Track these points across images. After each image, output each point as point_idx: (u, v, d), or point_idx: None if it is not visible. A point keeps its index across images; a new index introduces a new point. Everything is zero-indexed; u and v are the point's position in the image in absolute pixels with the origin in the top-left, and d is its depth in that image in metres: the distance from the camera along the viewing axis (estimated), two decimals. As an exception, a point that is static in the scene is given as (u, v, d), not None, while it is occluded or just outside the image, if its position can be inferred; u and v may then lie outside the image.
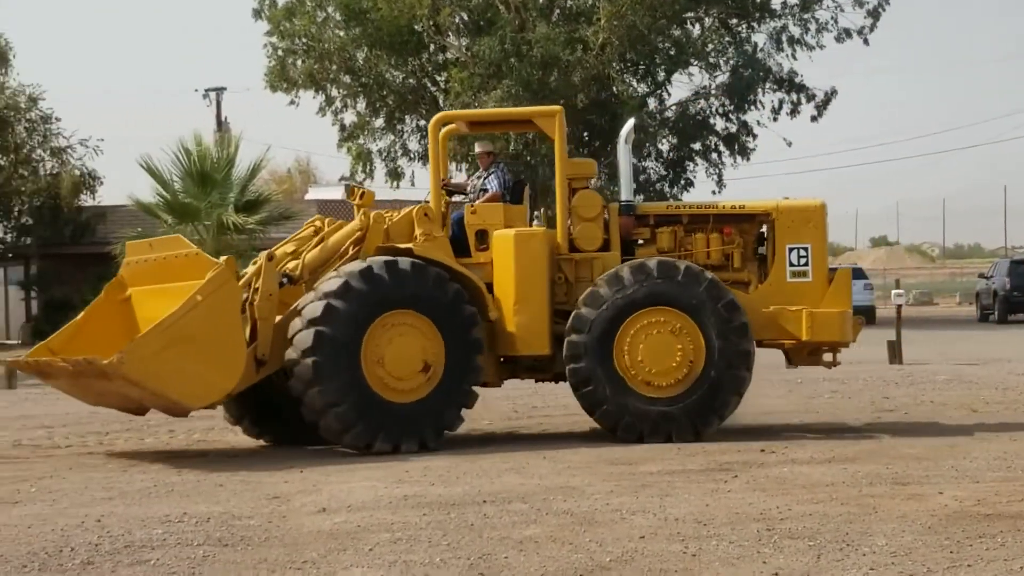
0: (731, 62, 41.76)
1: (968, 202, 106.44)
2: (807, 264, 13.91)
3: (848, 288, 14.01)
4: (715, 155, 43.03)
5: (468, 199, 14.45)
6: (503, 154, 36.69)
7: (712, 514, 8.96)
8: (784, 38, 42.04)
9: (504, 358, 13.71)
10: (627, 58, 39.92)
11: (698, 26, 41.86)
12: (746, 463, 11.33)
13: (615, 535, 8.37)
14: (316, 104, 41.90)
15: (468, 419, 14.33)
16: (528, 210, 14.47)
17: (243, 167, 29.45)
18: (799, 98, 42.37)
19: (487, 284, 13.44)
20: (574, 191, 13.92)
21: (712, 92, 42.28)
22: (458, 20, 40.62)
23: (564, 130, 13.92)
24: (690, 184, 42.98)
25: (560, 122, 13.87)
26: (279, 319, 12.92)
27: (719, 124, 42.82)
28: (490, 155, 14.69)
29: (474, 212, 13.78)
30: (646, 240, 14.13)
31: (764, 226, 14.24)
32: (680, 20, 40.45)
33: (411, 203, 14.75)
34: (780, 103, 42.38)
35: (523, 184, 14.82)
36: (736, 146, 42.90)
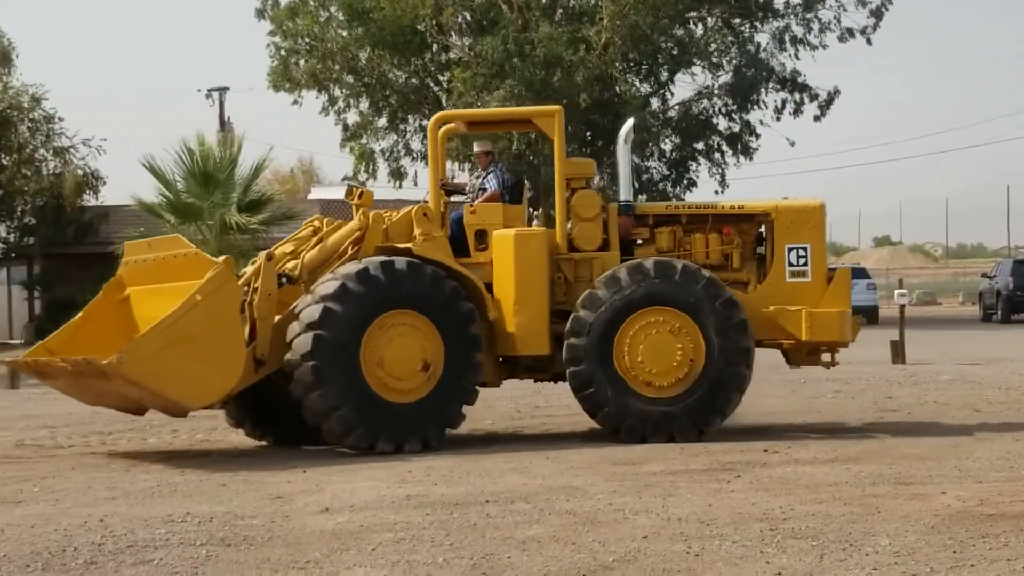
0: (734, 62, 41.77)
1: (971, 202, 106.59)
2: (806, 264, 13.91)
3: (847, 288, 14.01)
4: (718, 155, 43.05)
5: (467, 199, 14.44)
6: (506, 154, 36.74)
7: (715, 514, 8.96)
8: (787, 38, 42.07)
9: (503, 358, 13.70)
10: (630, 58, 39.92)
11: (701, 26, 41.88)
12: (749, 463, 11.33)
13: (618, 535, 8.36)
14: (319, 104, 41.97)
15: (471, 419, 14.33)
16: (526, 210, 14.47)
17: (246, 167, 29.47)
18: (802, 98, 42.38)
19: (486, 284, 13.45)
20: (573, 191, 13.92)
21: (715, 92, 42.30)
22: (461, 20, 40.61)
23: (563, 130, 13.92)
24: (693, 184, 43.01)
25: (559, 122, 13.87)
26: (278, 319, 12.91)
27: (722, 124, 42.87)
28: (488, 155, 14.69)
29: (473, 212, 13.77)
30: (645, 240, 14.13)
31: (763, 226, 14.24)
32: (683, 20, 40.46)
33: (411, 203, 14.72)
34: (783, 103, 42.40)
35: (522, 184, 14.83)
36: (739, 146, 42.91)
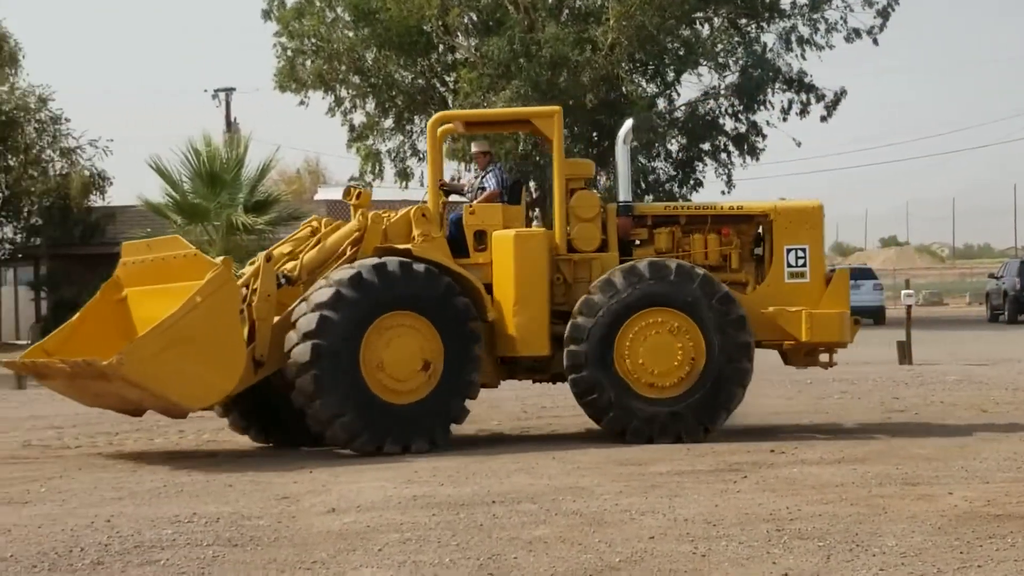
0: (740, 62, 41.76)
1: (978, 202, 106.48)
2: (805, 265, 13.91)
3: (846, 289, 14.04)
4: (724, 155, 43.05)
5: (466, 199, 14.43)
6: (512, 154, 36.77)
7: (722, 514, 8.95)
8: (793, 38, 42.07)
9: (502, 359, 13.69)
10: (636, 58, 39.92)
11: (707, 26, 41.89)
12: (756, 463, 11.32)
13: (624, 535, 8.36)
14: (325, 104, 42.03)
15: (477, 420, 14.35)
16: (525, 210, 14.46)
17: (252, 167, 29.47)
18: (808, 98, 42.38)
19: (486, 285, 13.44)
20: (572, 191, 13.92)
21: (721, 92, 42.30)
22: (467, 20, 40.64)
23: (562, 131, 13.92)
24: (699, 184, 43.02)
25: (558, 123, 13.87)
26: (277, 319, 12.90)
27: (728, 124, 42.87)
28: (486, 155, 14.68)
29: (472, 212, 13.76)
30: (644, 241, 14.13)
31: (761, 227, 14.24)
32: (689, 20, 40.46)
33: (411, 203, 14.70)
34: (789, 103, 42.41)
35: (520, 184, 14.83)
36: (745, 146, 42.91)
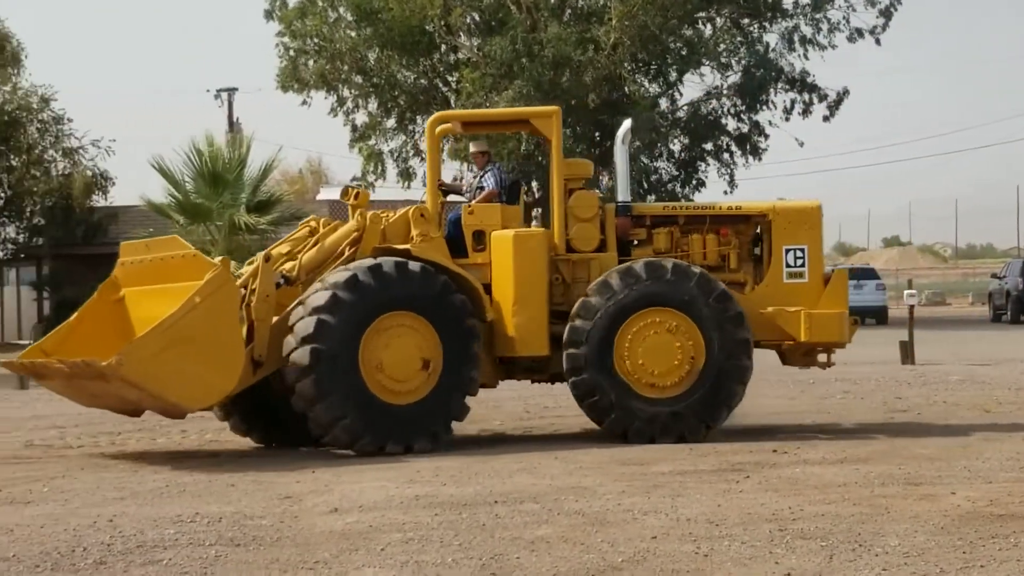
0: (743, 62, 41.77)
1: (980, 202, 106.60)
2: (803, 265, 13.91)
3: (845, 289, 14.05)
4: (727, 155, 43.06)
5: (465, 198, 14.42)
6: (515, 154, 36.77)
7: (724, 514, 8.95)
8: (796, 38, 42.08)
9: (501, 359, 13.68)
10: (639, 58, 39.94)
11: (710, 26, 41.89)
12: (758, 463, 11.32)
13: (627, 535, 8.36)
14: (328, 104, 42.06)
15: (479, 420, 14.34)
16: (522, 211, 14.45)
17: (255, 167, 29.47)
18: (811, 98, 42.39)
19: (485, 285, 13.43)
20: (571, 191, 13.91)
21: (724, 92, 42.31)
22: (469, 20, 40.67)
23: (560, 131, 13.92)
24: (702, 184, 43.03)
25: (556, 123, 13.86)
26: (276, 320, 12.89)
27: (731, 124, 42.89)
28: (484, 154, 14.66)
29: (471, 212, 13.76)
30: (642, 241, 14.13)
31: (759, 227, 14.23)
32: (692, 20, 40.47)
33: (414, 204, 14.69)
34: (792, 103, 42.42)
35: (519, 184, 14.83)
36: (748, 146, 42.92)
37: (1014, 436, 12.98)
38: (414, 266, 12.93)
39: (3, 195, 42.57)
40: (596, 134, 39.36)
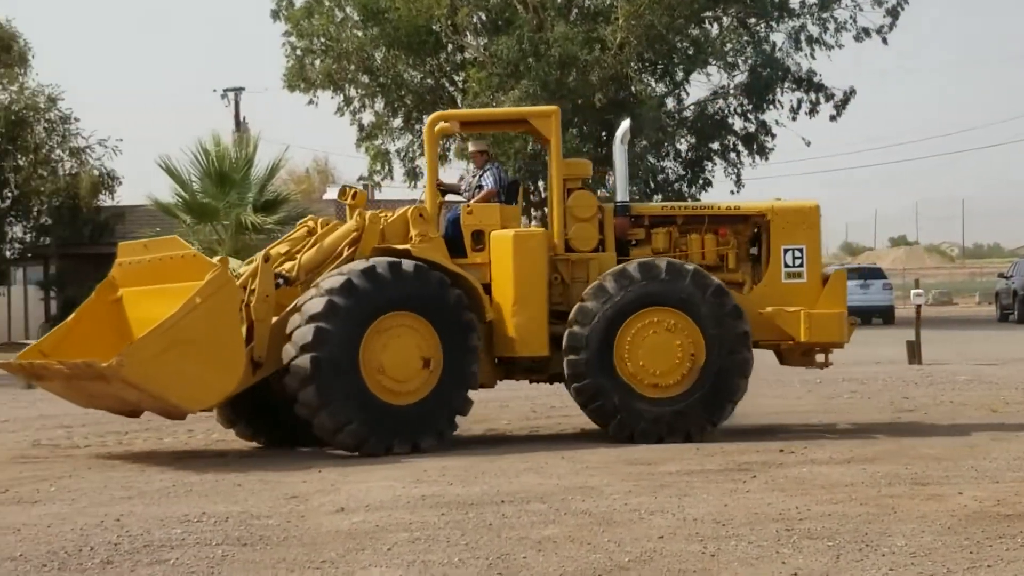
0: (749, 61, 41.78)
1: (987, 202, 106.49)
2: (802, 265, 13.91)
3: (843, 289, 14.06)
4: (733, 155, 43.06)
5: (463, 198, 14.40)
6: (521, 153, 36.77)
7: (731, 514, 8.94)
8: (803, 37, 42.08)
9: (500, 359, 13.67)
10: (645, 57, 39.94)
11: (716, 25, 41.89)
12: (765, 463, 11.31)
13: (634, 535, 8.36)
14: (334, 104, 42.09)
15: (486, 419, 14.34)
16: (520, 211, 14.45)
17: (261, 167, 29.49)
18: (818, 98, 42.39)
19: (484, 285, 13.42)
20: (570, 191, 13.91)
21: (730, 92, 42.31)
22: (476, 20, 40.68)
23: (560, 130, 13.91)
24: (708, 184, 43.02)
25: (556, 122, 13.84)
26: (275, 320, 12.88)
27: (737, 124, 42.91)
28: (483, 154, 14.65)
29: (470, 212, 13.75)
30: (641, 241, 14.12)
31: (759, 227, 14.23)
32: (698, 19, 40.48)
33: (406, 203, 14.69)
34: (799, 103, 42.42)
35: (518, 184, 14.83)
36: (754, 146, 42.92)
37: (1021, 436, 12.96)
38: (407, 265, 12.90)
39: (10, 195, 42.59)
40: (602, 134, 39.35)
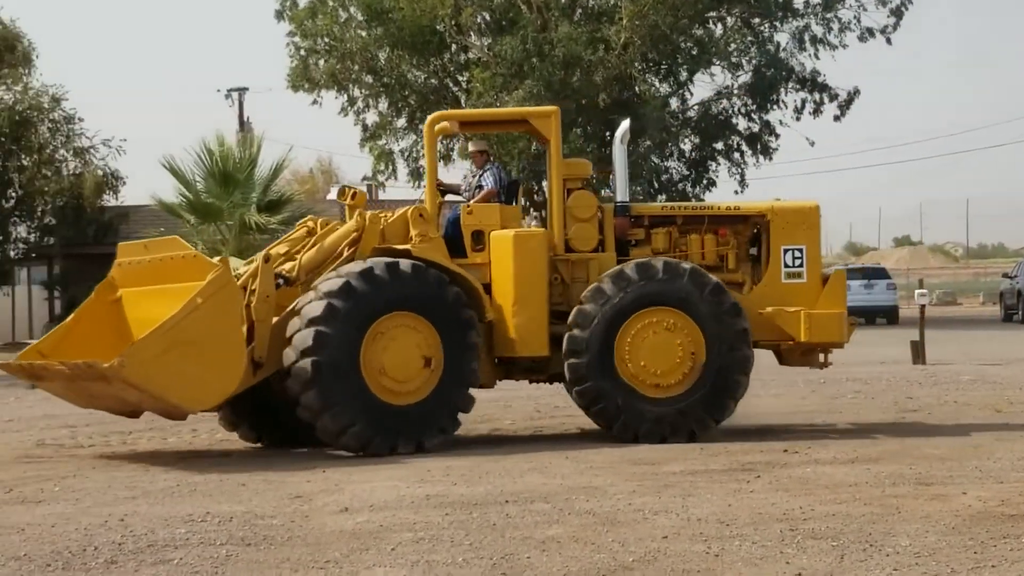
0: (753, 62, 41.73)
1: (992, 202, 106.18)
2: (802, 265, 13.91)
3: (843, 289, 14.08)
4: (737, 155, 43.02)
5: (463, 198, 14.40)
6: (525, 153, 36.77)
7: (735, 514, 8.94)
8: (807, 37, 42.03)
9: (500, 359, 13.66)
10: (649, 58, 39.92)
11: (720, 26, 41.86)
12: (769, 463, 11.31)
13: (637, 535, 8.36)
14: (338, 104, 42.04)
15: (490, 419, 14.34)
16: (520, 211, 14.45)
17: (265, 167, 29.45)
18: (822, 98, 42.34)
19: (484, 285, 13.41)
20: (569, 191, 13.90)
21: (734, 92, 42.27)
22: (480, 20, 40.67)
23: (559, 131, 13.90)
24: (712, 184, 42.98)
25: (555, 123, 13.84)
26: (276, 320, 12.87)
27: (741, 124, 42.85)
28: (483, 154, 14.66)
29: (470, 212, 13.74)
30: (640, 241, 14.11)
31: (759, 227, 14.22)
32: (702, 20, 40.44)
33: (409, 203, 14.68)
34: (803, 103, 42.37)
35: (518, 184, 14.83)
36: (759, 146, 42.88)
37: (1025, 436, 12.96)
38: (405, 265, 12.90)
39: (14, 195, 42.63)
40: (606, 134, 39.30)
